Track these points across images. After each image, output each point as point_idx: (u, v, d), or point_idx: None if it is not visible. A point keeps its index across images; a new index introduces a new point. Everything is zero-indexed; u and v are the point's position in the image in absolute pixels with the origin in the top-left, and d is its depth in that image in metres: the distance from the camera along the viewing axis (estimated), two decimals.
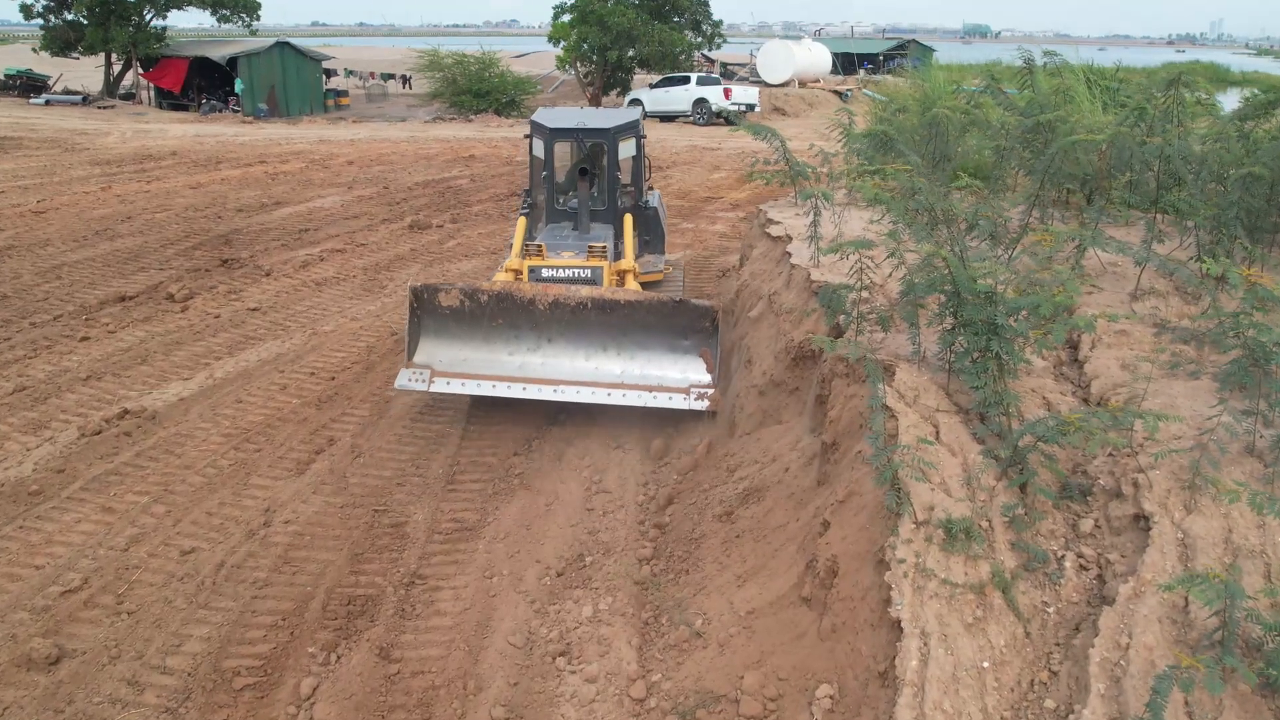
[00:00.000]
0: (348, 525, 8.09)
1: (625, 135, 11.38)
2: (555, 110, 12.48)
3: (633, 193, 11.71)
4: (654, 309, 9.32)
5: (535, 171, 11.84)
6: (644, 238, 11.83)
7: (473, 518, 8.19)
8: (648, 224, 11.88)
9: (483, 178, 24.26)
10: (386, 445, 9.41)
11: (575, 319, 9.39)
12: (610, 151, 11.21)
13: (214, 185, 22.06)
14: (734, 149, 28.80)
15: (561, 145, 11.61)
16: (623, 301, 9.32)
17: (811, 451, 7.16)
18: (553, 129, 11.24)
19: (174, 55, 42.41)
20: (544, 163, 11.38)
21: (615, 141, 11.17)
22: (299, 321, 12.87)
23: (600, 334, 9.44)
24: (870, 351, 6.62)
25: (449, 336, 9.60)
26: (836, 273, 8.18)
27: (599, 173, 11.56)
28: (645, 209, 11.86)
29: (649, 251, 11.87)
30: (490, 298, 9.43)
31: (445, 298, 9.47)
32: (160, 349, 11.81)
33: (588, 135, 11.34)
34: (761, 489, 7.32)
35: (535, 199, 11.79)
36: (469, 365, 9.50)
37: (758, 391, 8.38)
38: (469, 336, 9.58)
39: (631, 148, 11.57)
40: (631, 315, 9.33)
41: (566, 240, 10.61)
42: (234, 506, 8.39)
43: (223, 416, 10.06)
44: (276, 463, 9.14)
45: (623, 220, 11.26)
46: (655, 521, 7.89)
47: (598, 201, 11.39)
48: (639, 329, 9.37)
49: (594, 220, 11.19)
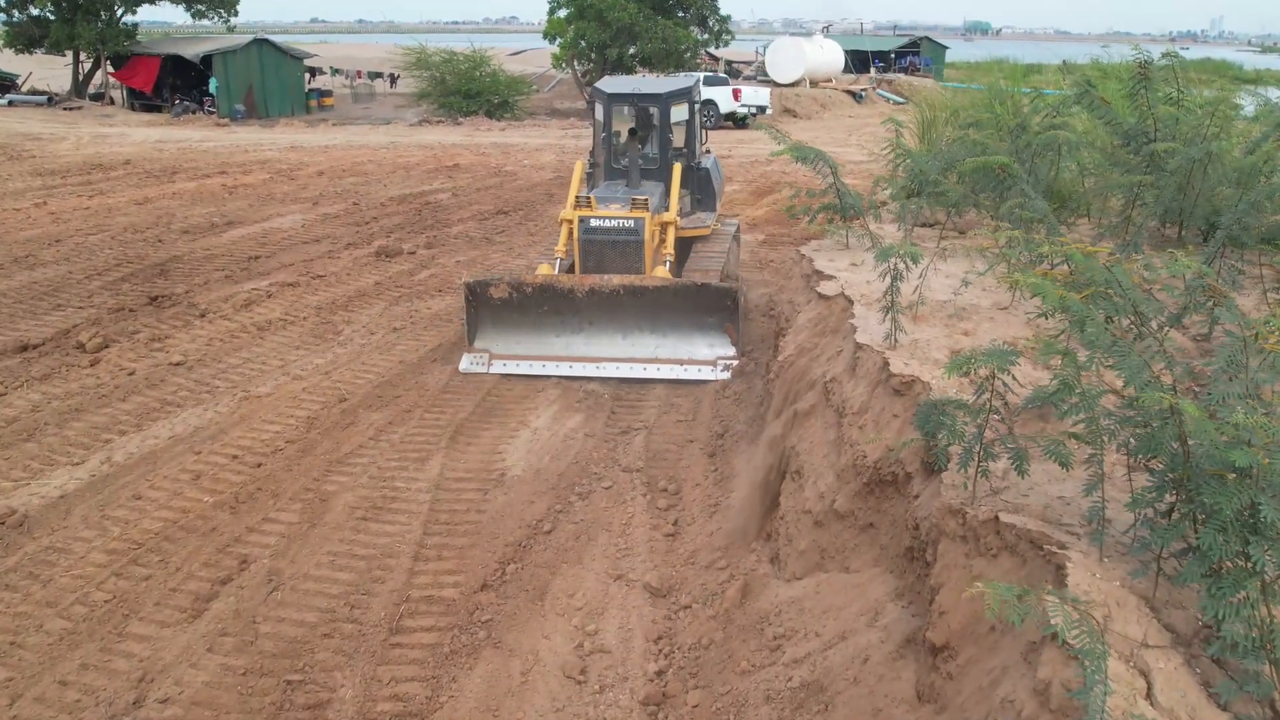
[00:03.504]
0: (247, 707, 5.86)
1: (678, 100, 12.33)
2: (616, 79, 14.05)
3: (686, 154, 12.51)
4: (680, 292, 10.48)
5: (596, 133, 12.84)
6: (696, 196, 12.77)
7: (420, 694, 5.94)
8: (700, 183, 12.76)
9: (466, 191, 21.84)
10: (315, 570, 7.15)
11: (611, 303, 10.57)
12: (663, 115, 12.21)
13: (163, 200, 19.72)
14: (746, 156, 26.38)
15: (622, 109, 12.66)
16: (651, 287, 10.47)
17: (901, 634, 4.91)
18: (610, 94, 12.40)
19: (145, 53, 40.04)
20: (603, 125, 12.47)
21: (668, 106, 12.13)
22: (229, 380, 10.55)
23: (635, 315, 10.61)
24: (1002, 511, 4.35)
25: (502, 324, 10.78)
26: (924, 358, 5.90)
27: (650, 134, 12.57)
28: (698, 169, 12.68)
29: (701, 209, 12.83)
30: (534, 289, 10.63)
31: (496, 290, 10.68)
32: (54, 419, 9.54)
33: (642, 100, 12.48)
34: (828, 688, 5.04)
35: (597, 158, 12.75)
36: (522, 347, 10.75)
37: (812, 520, 6.10)
38: (520, 322, 10.74)
39: (684, 112, 12.47)
40: (660, 298, 10.49)
41: (616, 194, 11.51)
42: (99, 671, 6.18)
43: (111, 522, 7.82)
44: (166, 598, 6.88)
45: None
46: (674, 717, 5.61)
47: (650, 161, 12.36)
48: (669, 310, 10.52)
49: (647, 178, 12.08)
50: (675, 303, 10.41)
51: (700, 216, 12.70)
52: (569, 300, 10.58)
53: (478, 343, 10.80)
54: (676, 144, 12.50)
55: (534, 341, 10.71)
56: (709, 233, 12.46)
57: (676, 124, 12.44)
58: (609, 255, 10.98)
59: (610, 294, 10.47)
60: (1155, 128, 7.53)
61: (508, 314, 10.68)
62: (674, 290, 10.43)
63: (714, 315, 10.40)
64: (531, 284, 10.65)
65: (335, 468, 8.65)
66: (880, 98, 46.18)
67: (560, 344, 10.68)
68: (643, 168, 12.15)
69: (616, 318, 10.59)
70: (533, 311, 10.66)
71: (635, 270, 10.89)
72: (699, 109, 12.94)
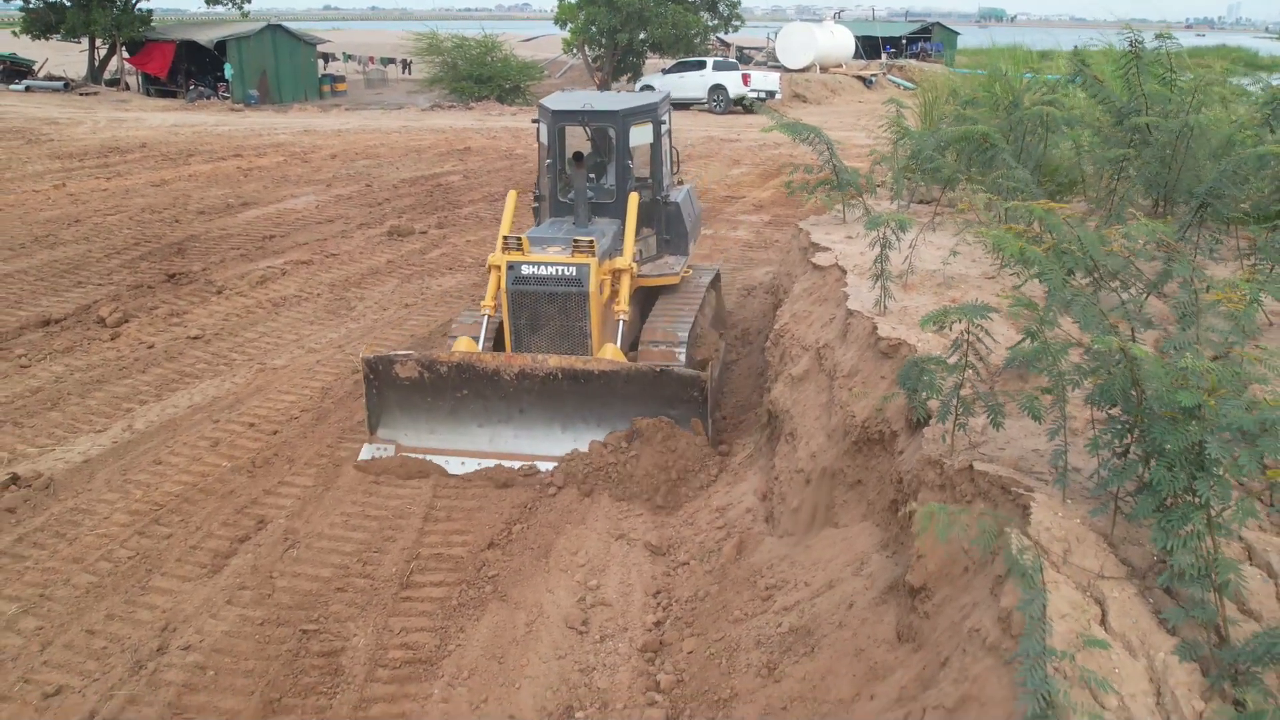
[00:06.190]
0: (265, 654, 6.13)
1: (639, 120, 9.93)
2: (566, 94, 11.11)
3: (652, 185, 10.31)
4: (634, 379, 8.27)
5: (540, 159, 10.55)
6: (664, 236, 10.46)
7: (429, 643, 6.22)
8: (669, 221, 10.43)
9: (477, 174, 22.13)
10: (329, 530, 7.44)
11: (546, 390, 8.40)
12: (620, 137, 9.83)
13: (179, 182, 20.05)
14: (754, 140, 26.62)
15: (574, 131, 10.31)
16: (597, 372, 8.29)
17: (885, 581, 5.18)
18: (556, 111, 9.97)
19: (160, 39, 40.35)
20: (548, 149, 10.09)
21: (626, 126, 9.76)
22: (245, 354, 10.87)
23: (577, 405, 8.42)
24: (976, 460, 4.62)
25: (412, 410, 8.64)
26: (911, 323, 6.16)
27: (607, 161, 10.40)
28: (666, 204, 10.37)
29: (670, 252, 10.48)
30: (450, 369, 8.47)
31: (402, 369, 8.49)
32: (76, 390, 9.87)
33: (594, 119, 10.09)
34: (815, 631, 5.31)
35: (542, 189, 10.46)
36: (436, 439, 8.61)
37: (804, 479, 6.37)
38: (434, 408, 8.62)
39: (647, 134, 10.07)
40: (610, 385, 8.28)
41: (557, 234, 9.25)
42: (124, 621, 6.47)
43: (133, 485, 8.13)
44: (187, 555, 7.19)
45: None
46: (670, 663, 5.89)
47: (607, 194, 10.11)
48: (620, 400, 8.31)
49: (602, 214, 9.86)
50: (628, 392, 8.27)
51: (667, 261, 10.33)
52: (494, 384, 8.46)
53: (381, 431, 8.67)
54: (640, 173, 10.34)
55: (450, 432, 8.62)
56: (677, 281, 10.15)
57: (638, 146, 10.16)
58: (545, 312, 8.85)
59: (546, 378, 8.35)
60: (1146, 105, 7.75)
61: (418, 398, 8.58)
62: (626, 377, 8.26)
63: (677, 408, 8.28)
64: (446, 363, 8.50)
65: (348, 435, 8.95)
66: (890, 83, 46.23)
67: (484, 436, 8.59)
68: (597, 202, 9.95)
69: (554, 406, 8.46)
70: (449, 395, 8.55)
71: (578, 331, 8.88)
72: (667, 130, 10.63)
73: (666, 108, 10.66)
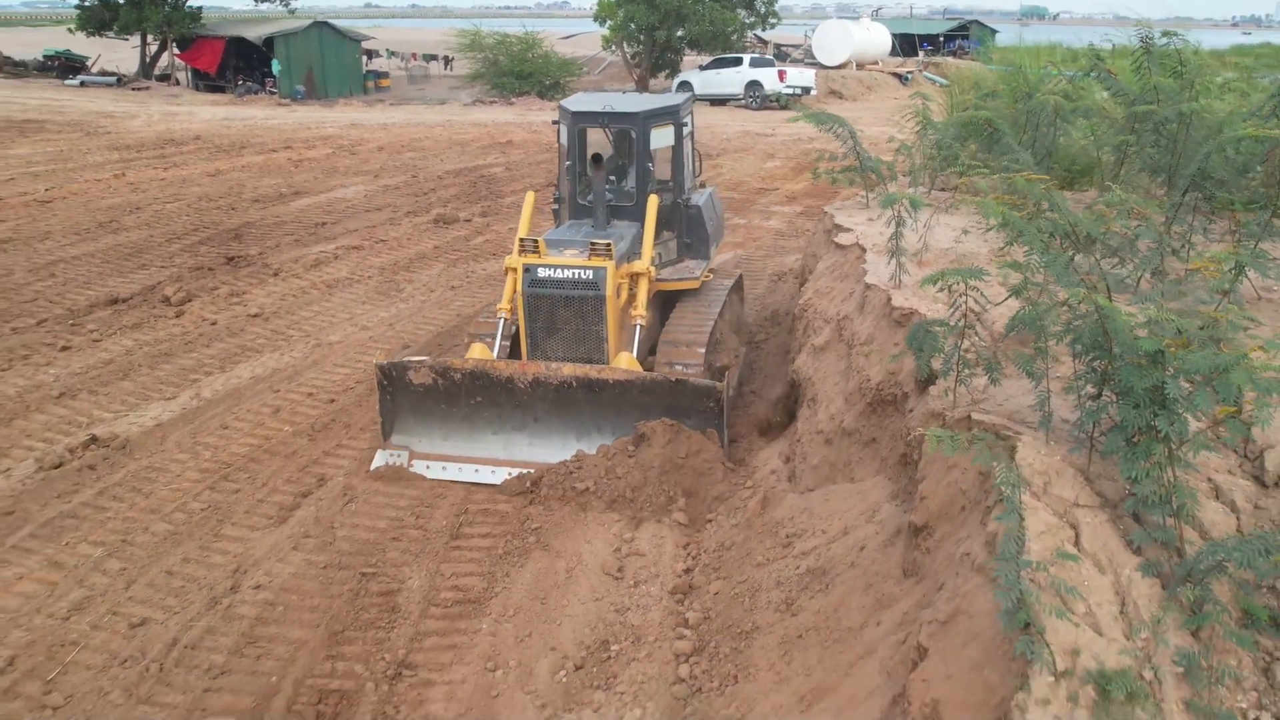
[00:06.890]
0: (329, 593, 6.74)
1: (659, 122, 9.82)
2: (587, 95, 11.18)
3: (673, 188, 10.14)
4: (649, 389, 8.19)
5: (560, 161, 10.50)
6: (685, 240, 10.35)
7: (478, 586, 6.81)
8: (690, 224, 10.32)
9: (519, 165, 22.80)
10: (384, 488, 8.05)
11: (561, 397, 8.37)
12: (640, 139, 9.74)
13: (233, 173, 20.84)
14: (789, 135, 27.11)
15: (595, 134, 10.22)
16: (611, 381, 8.23)
17: (894, 526, 5.70)
18: (576, 113, 9.89)
19: (210, 35, 41.36)
20: (568, 151, 10.01)
21: (646, 128, 9.68)
22: (303, 330, 11.55)
23: (591, 414, 8.37)
24: (975, 411, 5.13)
25: (426, 416, 8.65)
26: (924, 296, 6.67)
27: (627, 163, 10.29)
28: (687, 207, 10.28)
29: (690, 256, 10.38)
30: (464, 376, 8.45)
31: (416, 375, 8.49)
32: (146, 362, 10.56)
33: (614, 121, 10.01)
34: (829, 571, 5.85)
35: (561, 192, 10.40)
36: (450, 445, 8.59)
37: (823, 439, 6.90)
38: (447, 415, 8.61)
39: (669, 136, 9.97)
40: (624, 395, 8.22)
41: (575, 237, 9.24)
42: (199, 564, 7.12)
43: (203, 446, 8.80)
44: (255, 508, 7.85)
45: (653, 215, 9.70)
46: (698, 603, 6.45)
47: (627, 196, 10.01)
48: (635, 410, 8.22)
49: (621, 217, 9.82)
50: (643, 402, 8.20)
51: (688, 265, 10.25)
52: (508, 392, 8.45)
53: (395, 438, 8.66)
54: (661, 175, 10.17)
55: (464, 440, 8.57)
56: (698, 285, 10.05)
57: (659, 149, 10.05)
58: (561, 315, 8.80)
59: (559, 386, 8.32)
60: (1157, 97, 8.20)
61: (432, 404, 8.57)
62: (641, 387, 8.19)
63: (692, 418, 8.17)
64: (460, 369, 8.46)
65: None
66: (925, 80, 46.43)
67: (498, 443, 8.53)
68: (617, 205, 9.89)
69: (568, 415, 8.41)
70: (463, 403, 8.53)
71: (594, 335, 8.82)
72: (689, 133, 10.49)
73: (689, 110, 10.56)
